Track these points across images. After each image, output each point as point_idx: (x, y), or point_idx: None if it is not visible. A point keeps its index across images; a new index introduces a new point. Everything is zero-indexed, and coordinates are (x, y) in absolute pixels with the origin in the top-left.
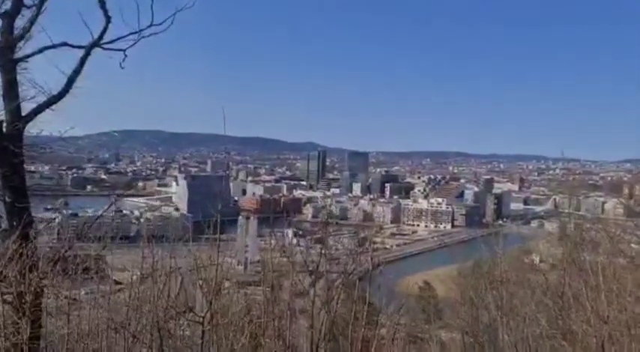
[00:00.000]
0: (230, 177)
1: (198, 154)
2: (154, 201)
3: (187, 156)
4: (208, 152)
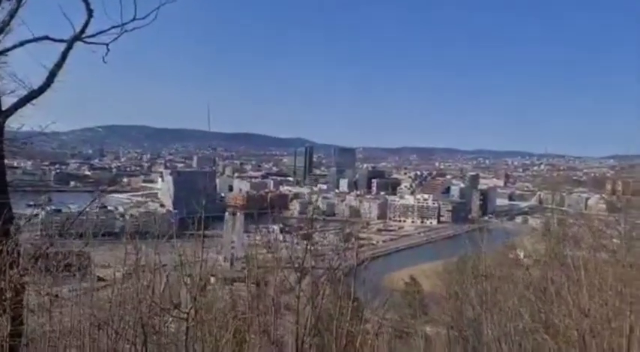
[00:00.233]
0: (216, 173)
1: (184, 150)
2: (139, 197)
3: (173, 151)
4: (194, 148)
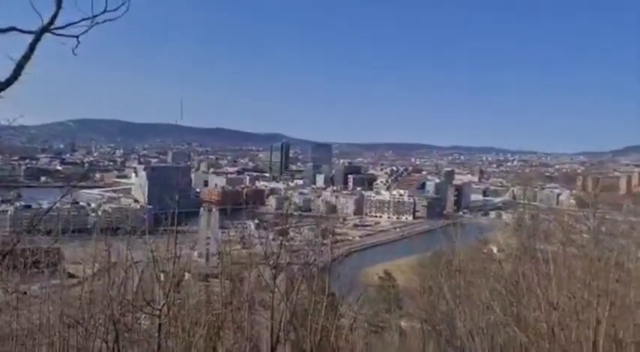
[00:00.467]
0: (191, 168)
1: (158, 145)
2: (112, 193)
3: (147, 146)
4: (169, 143)
